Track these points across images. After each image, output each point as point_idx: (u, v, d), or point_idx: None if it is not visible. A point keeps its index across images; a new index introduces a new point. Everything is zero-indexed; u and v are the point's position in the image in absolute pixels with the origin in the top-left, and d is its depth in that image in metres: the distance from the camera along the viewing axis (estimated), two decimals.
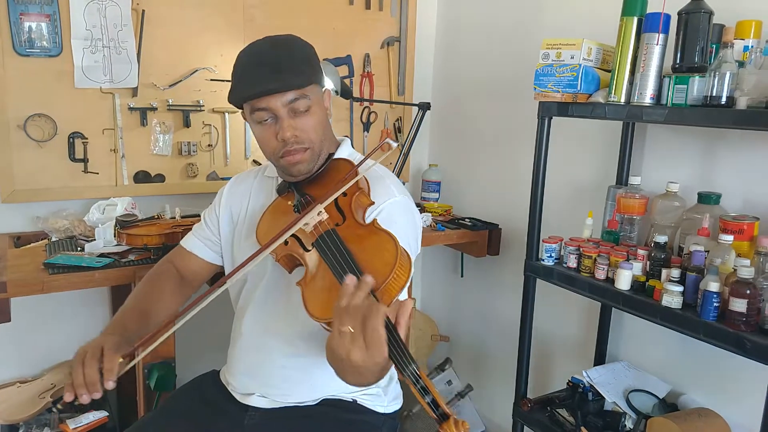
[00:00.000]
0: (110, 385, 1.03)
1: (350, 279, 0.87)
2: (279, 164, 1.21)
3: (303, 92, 1.14)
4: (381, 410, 1.31)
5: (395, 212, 1.18)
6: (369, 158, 1.20)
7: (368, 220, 1.11)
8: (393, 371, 1.37)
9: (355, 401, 1.29)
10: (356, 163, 1.18)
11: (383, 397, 1.33)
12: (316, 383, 1.26)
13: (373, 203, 1.15)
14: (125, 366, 1.06)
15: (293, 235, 1.08)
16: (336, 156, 1.25)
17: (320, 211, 1.07)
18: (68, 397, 1.03)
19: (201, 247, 1.39)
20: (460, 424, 0.80)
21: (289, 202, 1.18)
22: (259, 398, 1.28)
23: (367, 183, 1.17)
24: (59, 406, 1.07)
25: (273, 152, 1.18)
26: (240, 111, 1.23)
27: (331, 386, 1.27)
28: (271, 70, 1.12)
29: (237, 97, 1.17)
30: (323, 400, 1.27)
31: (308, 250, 1.06)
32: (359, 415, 1.28)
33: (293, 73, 1.13)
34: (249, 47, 1.19)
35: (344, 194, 1.12)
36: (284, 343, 1.25)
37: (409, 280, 0.99)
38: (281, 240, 1.07)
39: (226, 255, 1.37)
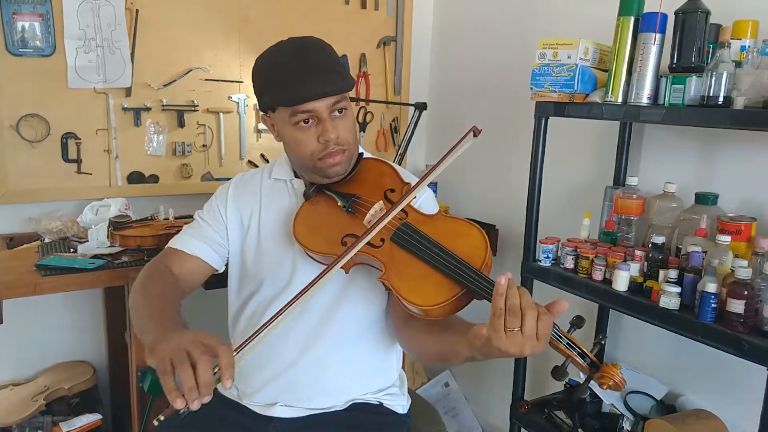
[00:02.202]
0: (229, 384, 0.89)
1: (504, 280, 0.90)
2: (316, 166, 1.18)
3: (343, 95, 1.15)
4: (400, 410, 1.31)
5: (431, 203, 1.25)
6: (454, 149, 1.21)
7: (427, 212, 1.16)
8: (404, 374, 1.39)
9: (381, 404, 1.28)
10: (391, 163, 1.24)
11: (401, 396, 1.33)
12: (342, 385, 1.25)
13: (415, 197, 1.19)
14: (238, 361, 0.95)
15: (352, 235, 1.11)
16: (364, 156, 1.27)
17: (381, 208, 1.12)
18: (179, 404, 0.85)
19: (206, 249, 1.27)
20: (615, 365, 0.92)
21: (339, 203, 1.18)
22: (283, 408, 1.23)
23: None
24: (161, 418, 0.90)
25: (311, 154, 1.16)
26: (263, 114, 1.22)
27: (357, 387, 1.26)
28: (321, 73, 1.11)
29: (283, 101, 1.13)
30: (352, 404, 1.25)
31: (377, 246, 1.08)
32: (385, 417, 1.28)
33: (341, 76, 1.14)
34: (282, 50, 1.15)
35: (392, 190, 1.17)
36: (309, 347, 1.22)
37: None
38: (360, 245, 1.04)
39: (235, 261, 1.30)
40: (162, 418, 0.90)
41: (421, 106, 2.21)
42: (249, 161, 2.29)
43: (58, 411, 1.92)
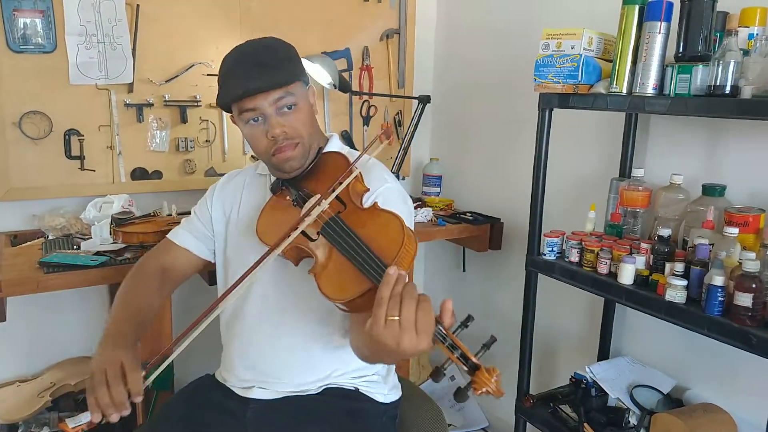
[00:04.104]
0: (138, 399, 1.04)
1: (393, 270, 0.89)
2: (271, 162, 1.23)
3: (287, 90, 1.17)
4: (381, 399, 1.31)
5: (391, 197, 1.21)
6: (367, 149, 1.20)
7: (367, 205, 1.15)
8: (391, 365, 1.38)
9: (357, 389, 1.29)
10: (347, 156, 1.22)
11: (383, 385, 1.33)
12: (317, 368, 1.27)
13: (368, 189, 1.18)
14: (145, 381, 1.07)
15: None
16: (326, 150, 1.28)
17: (317, 200, 1.11)
18: (96, 418, 1.02)
19: (194, 242, 1.38)
20: (491, 370, 0.87)
21: (288, 198, 1.21)
22: (260, 390, 1.28)
23: (360, 172, 1.19)
24: (84, 427, 1.04)
25: (264, 151, 1.21)
26: (229, 115, 1.26)
27: (332, 370, 1.27)
28: (256, 70, 1.15)
29: (224, 100, 1.19)
30: (326, 389, 1.27)
31: (314, 240, 1.10)
32: (361, 404, 1.28)
33: (277, 71, 1.16)
34: (232, 51, 1.21)
35: (341, 183, 1.16)
36: (285, 332, 1.26)
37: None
38: (291, 238, 1.08)
39: (219, 252, 1.37)
40: (84, 427, 1.03)
41: (424, 99, 2.20)
42: (252, 156, 2.28)
43: (64, 407, 1.93)
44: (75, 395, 1.98)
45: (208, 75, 2.14)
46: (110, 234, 1.76)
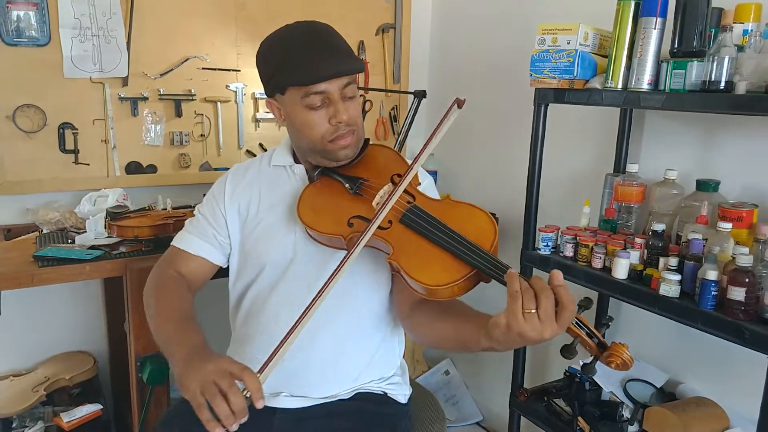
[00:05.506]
0: (261, 404, 0.93)
1: (512, 269, 0.94)
2: (326, 149, 1.18)
3: (352, 78, 1.16)
4: (402, 400, 1.31)
5: (432, 190, 1.27)
6: (440, 127, 1.17)
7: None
8: (404, 362, 1.39)
9: (385, 394, 1.28)
10: (395, 149, 1.29)
11: (404, 386, 1.33)
12: (348, 373, 1.24)
13: (420, 183, 1.22)
14: (263, 381, 0.97)
15: (359, 216, 1.12)
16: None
17: (390, 190, 1.12)
18: None
19: (208, 248, 1.27)
20: (622, 344, 0.92)
21: (346, 186, 1.19)
22: (288, 398, 1.21)
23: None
24: None
25: (322, 136, 1.17)
26: (268, 98, 1.21)
27: (363, 375, 1.25)
28: (335, 54, 1.13)
29: (300, 81, 1.12)
30: (357, 394, 1.24)
31: (386, 228, 1.09)
32: (389, 408, 1.28)
33: (353, 57, 1.16)
34: (292, 31, 1.16)
35: (399, 175, 1.17)
36: (318, 334, 1.19)
37: None
38: (375, 225, 1.06)
39: (235, 250, 1.29)
40: None
41: (420, 94, 2.19)
42: (247, 150, 2.28)
43: (58, 401, 1.93)
44: (69, 389, 1.98)
45: (203, 69, 2.13)
46: (105, 228, 1.76)
